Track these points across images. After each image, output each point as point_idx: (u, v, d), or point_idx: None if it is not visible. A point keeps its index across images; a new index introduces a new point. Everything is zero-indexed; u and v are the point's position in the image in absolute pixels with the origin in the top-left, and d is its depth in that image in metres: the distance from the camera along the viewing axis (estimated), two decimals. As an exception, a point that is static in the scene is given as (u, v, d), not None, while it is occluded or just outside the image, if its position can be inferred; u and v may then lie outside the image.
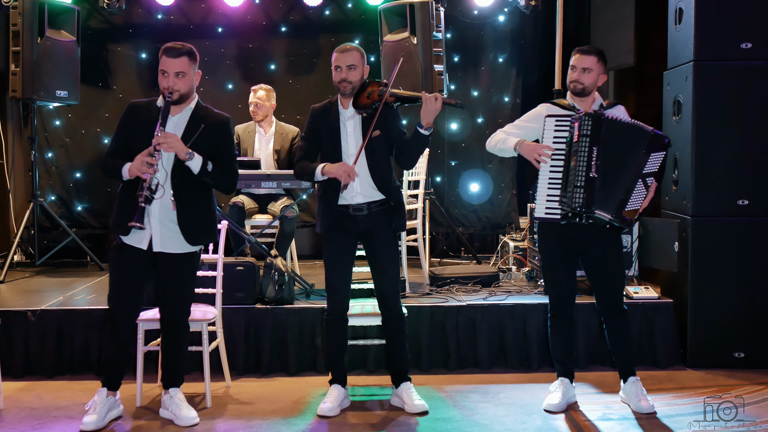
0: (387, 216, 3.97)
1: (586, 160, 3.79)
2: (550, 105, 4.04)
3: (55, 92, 6.16)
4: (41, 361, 4.65)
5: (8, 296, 5.27)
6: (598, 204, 3.79)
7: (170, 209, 3.72)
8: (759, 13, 4.65)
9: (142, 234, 3.70)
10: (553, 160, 3.87)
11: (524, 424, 3.83)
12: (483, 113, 7.21)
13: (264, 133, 5.92)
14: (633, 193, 3.78)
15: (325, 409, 3.94)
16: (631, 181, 3.78)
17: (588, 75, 3.91)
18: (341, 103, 3.96)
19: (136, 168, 3.60)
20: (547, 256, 4.05)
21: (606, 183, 3.79)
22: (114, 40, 7.07)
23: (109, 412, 3.82)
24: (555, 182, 3.86)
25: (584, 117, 3.81)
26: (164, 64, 3.72)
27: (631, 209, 3.79)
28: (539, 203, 3.91)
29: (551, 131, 3.89)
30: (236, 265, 4.76)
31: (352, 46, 3.94)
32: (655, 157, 3.76)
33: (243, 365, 4.69)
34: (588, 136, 3.79)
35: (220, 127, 3.83)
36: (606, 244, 3.94)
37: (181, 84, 3.71)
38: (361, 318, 4.57)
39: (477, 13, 7.13)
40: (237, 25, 7.17)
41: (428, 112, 3.77)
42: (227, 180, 3.84)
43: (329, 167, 3.84)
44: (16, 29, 6.01)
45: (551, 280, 4.06)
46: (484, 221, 7.27)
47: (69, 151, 7.12)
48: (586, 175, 3.79)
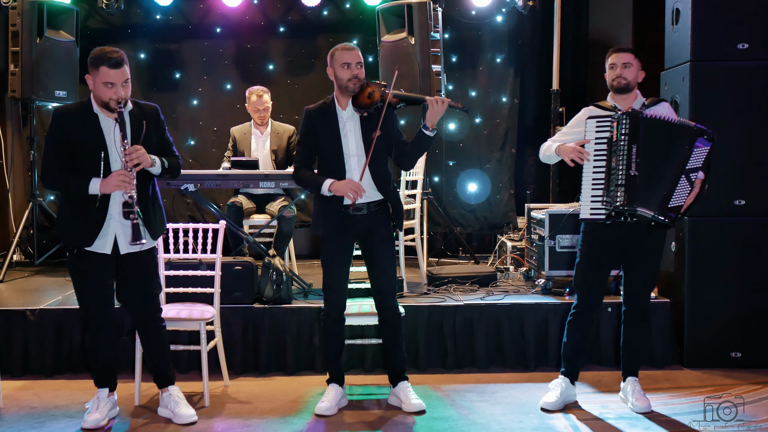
0: (386, 215, 3.98)
1: (626, 158, 3.81)
2: (592, 107, 4.07)
3: (54, 92, 6.18)
4: (40, 360, 4.67)
5: (7, 296, 5.28)
6: (640, 201, 3.80)
7: None
8: (755, 14, 4.67)
9: (104, 239, 3.69)
10: (595, 161, 3.88)
11: (521, 423, 3.84)
12: (481, 113, 7.23)
13: (260, 134, 5.93)
14: (676, 189, 3.78)
15: (323, 409, 3.95)
16: (673, 177, 3.78)
17: (629, 70, 3.95)
18: (339, 102, 3.95)
19: (114, 187, 3.58)
20: (585, 252, 4.02)
21: (647, 180, 3.80)
22: (113, 41, 7.06)
23: (110, 411, 3.86)
24: (599, 182, 3.88)
25: (622, 116, 3.83)
26: (108, 76, 3.57)
27: (674, 205, 3.79)
28: (584, 204, 3.92)
29: (593, 132, 3.91)
30: (234, 264, 4.77)
31: (353, 45, 3.95)
32: (698, 152, 3.78)
33: (241, 365, 4.71)
34: (627, 134, 3.81)
35: (155, 118, 3.83)
36: (648, 245, 3.94)
37: (127, 91, 3.66)
38: (359, 317, 4.57)
39: (475, 13, 7.15)
40: (235, 25, 7.19)
41: (434, 114, 3.79)
42: (177, 169, 3.90)
43: (337, 185, 3.83)
44: (16, 29, 6.04)
45: (583, 278, 4.03)
46: (482, 221, 7.29)
47: (68, 150, 7.12)
48: (626, 173, 3.80)
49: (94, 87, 3.63)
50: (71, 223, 3.70)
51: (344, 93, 3.91)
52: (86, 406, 3.92)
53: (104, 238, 3.69)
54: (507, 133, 7.30)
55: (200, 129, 7.28)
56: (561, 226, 5.18)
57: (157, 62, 7.21)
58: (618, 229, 3.90)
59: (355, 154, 3.92)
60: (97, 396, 3.87)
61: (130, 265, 3.78)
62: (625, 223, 3.88)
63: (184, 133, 7.26)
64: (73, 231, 3.70)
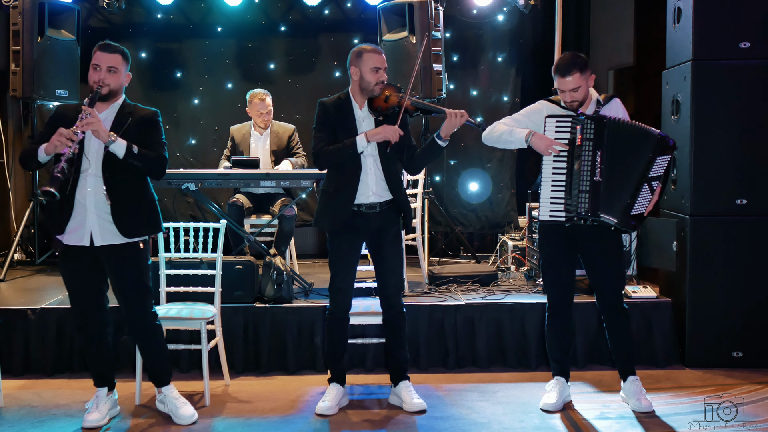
0: (396, 214, 3.99)
1: (590, 164, 3.78)
2: (549, 104, 4.02)
3: (55, 91, 6.18)
4: (41, 360, 4.67)
5: (8, 295, 5.28)
6: (603, 208, 3.79)
7: (104, 203, 3.69)
8: (757, 13, 4.65)
9: (80, 231, 3.68)
10: (555, 161, 3.87)
11: (522, 423, 3.83)
12: (482, 112, 7.22)
13: (260, 134, 5.91)
14: (639, 196, 3.77)
15: (324, 408, 3.95)
16: (636, 184, 3.76)
17: (577, 93, 3.86)
18: (356, 101, 3.95)
19: (52, 144, 3.52)
20: (547, 254, 4.05)
21: (611, 187, 3.78)
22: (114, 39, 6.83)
23: (110, 410, 3.86)
24: (558, 184, 3.86)
25: (586, 121, 3.81)
26: (97, 58, 3.72)
27: (637, 213, 3.79)
28: (543, 205, 3.91)
29: (552, 132, 3.88)
30: (235, 264, 4.77)
31: (380, 48, 3.94)
32: (661, 161, 3.75)
33: (242, 364, 4.70)
34: (591, 139, 3.78)
35: (147, 120, 3.82)
36: (607, 243, 3.94)
37: (112, 79, 3.71)
38: (360, 317, 4.58)
39: (476, 12, 7.14)
40: (236, 24, 7.18)
41: (450, 126, 3.81)
42: (156, 163, 3.78)
43: (376, 130, 3.83)
44: (17, 29, 6.03)
45: (551, 278, 4.06)
46: (483, 220, 7.29)
47: (69, 150, 7.12)
48: (591, 179, 3.78)
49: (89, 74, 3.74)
50: (48, 211, 3.74)
51: (364, 93, 3.92)
52: (86, 405, 3.91)
53: (81, 230, 3.68)
54: (508, 133, 7.27)
55: (201, 128, 7.27)
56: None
57: (158, 61, 7.21)
58: (575, 229, 3.90)
59: (371, 154, 3.92)
60: (96, 395, 3.87)
61: (111, 260, 3.74)
62: (584, 225, 3.87)
63: (185, 133, 7.26)
64: (49, 218, 3.74)
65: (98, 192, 3.68)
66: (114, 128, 3.70)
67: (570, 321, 4.10)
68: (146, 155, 3.73)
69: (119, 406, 3.99)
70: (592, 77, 3.95)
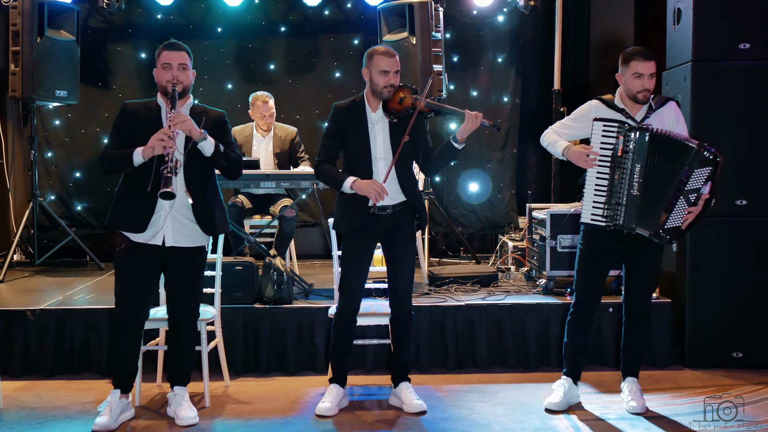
0: (410, 215, 3.99)
1: (629, 177, 3.78)
2: (598, 104, 3.98)
3: (55, 92, 6.18)
4: (40, 361, 4.66)
5: (8, 296, 5.28)
6: (638, 221, 3.80)
7: (181, 203, 3.75)
8: (757, 14, 4.65)
9: (153, 230, 3.73)
10: (600, 165, 3.85)
11: (522, 424, 3.83)
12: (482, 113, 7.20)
13: (262, 137, 5.91)
14: (674, 210, 3.76)
15: (324, 409, 3.94)
16: (672, 198, 3.75)
17: (653, 80, 3.84)
18: (369, 104, 3.93)
19: (154, 144, 3.60)
20: (585, 252, 4.01)
21: (647, 200, 3.78)
22: (114, 40, 7.08)
23: (121, 414, 3.83)
24: (601, 189, 3.85)
25: (628, 132, 3.78)
26: (166, 57, 3.79)
27: (671, 226, 3.77)
28: (585, 207, 3.90)
29: (599, 136, 3.84)
30: (235, 264, 4.76)
31: (393, 50, 3.92)
32: (699, 173, 3.72)
33: (242, 365, 4.70)
34: (632, 151, 3.77)
35: (218, 121, 3.91)
36: (649, 247, 3.92)
37: (184, 77, 3.78)
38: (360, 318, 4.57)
39: (476, 13, 7.15)
40: (236, 24, 7.18)
41: (467, 129, 3.82)
42: (236, 163, 3.90)
43: (360, 184, 3.81)
44: (16, 29, 6.03)
45: (583, 277, 4.02)
46: (483, 221, 7.29)
47: (69, 150, 7.14)
48: (628, 192, 3.79)
49: (156, 75, 3.80)
50: (121, 209, 3.76)
51: (376, 96, 3.90)
52: (98, 408, 3.90)
53: (154, 228, 3.73)
54: (508, 133, 7.29)
55: (201, 128, 7.26)
56: (562, 226, 5.18)
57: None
58: (617, 233, 3.90)
59: (383, 157, 3.91)
60: (110, 397, 3.83)
61: (176, 262, 3.81)
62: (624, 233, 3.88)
63: (185, 133, 7.25)
64: (126, 217, 3.75)
65: (179, 191, 3.71)
66: None
67: (591, 324, 4.09)
68: (230, 154, 3.85)
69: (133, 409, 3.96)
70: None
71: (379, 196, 3.78)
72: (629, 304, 4.04)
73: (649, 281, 4.00)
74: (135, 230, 3.74)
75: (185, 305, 3.89)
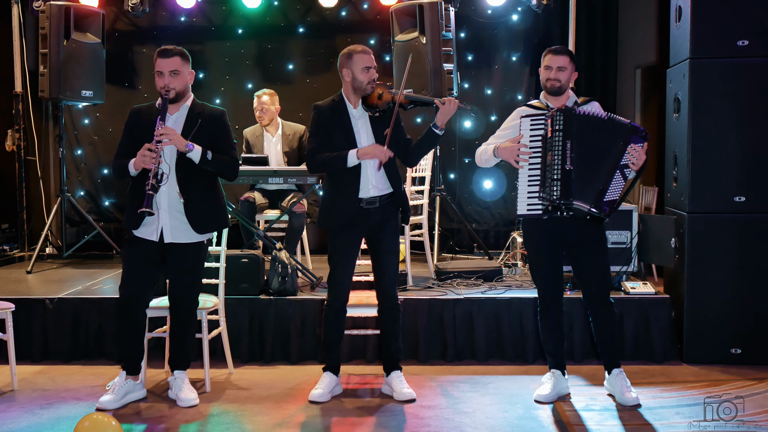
0: (395, 207, 4.13)
1: (561, 153, 3.88)
2: (525, 107, 4.15)
3: (81, 92, 6.45)
4: (58, 347, 4.91)
5: (32, 285, 5.56)
6: (576, 195, 3.88)
7: (178, 201, 3.97)
8: (756, 11, 4.66)
9: (152, 227, 3.95)
10: (531, 158, 3.97)
11: (506, 413, 3.93)
12: (496, 111, 7.28)
13: (271, 136, 6.08)
14: (611, 183, 3.87)
15: (316, 395, 4.10)
16: (609, 171, 3.86)
17: (563, 73, 4.02)
18: (350, 101, 4.09)
19: (140, 161, 3.85)
20: (533, 251, 4.14)
21: (583, 174, 3.88)
22: (139, 42, 7.35)
23: (127, 395, 4.06)
24: (534, 179, 3.96)
25: (556, 113, 3.91)
26: (159, 65, 3.97)
27: (609, 199, 3.88)
28: (521, 201, 4.02)
29: (527, 131, 3.99)
30: (241, 257, 4.95)
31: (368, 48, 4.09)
32: (633, 149, 3.85)
33: (247, 353, 4.89)
34: (561, 130, 3.89)
35: (216, 121, 4.07)
36: (590, 237, 4.02)
37: (176, 82, 3.95)
38: (362, 309, 4.72)
39: (490, 12, 7.21)
40: (256, 26, 7.37)
41: (444, 114, 3.95)
42: (228, 167, 4.06)
43: (365, 149, 3.97)
44: (44, 32, 6.32)
45: (538, 274, 4.15)
46: (498, 218, 7.36)
47: (97, 148, 7.43)
48: (562, 167, 3.88)
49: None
50: (129, 207, 4.00)
51: (357, 93, 4.05)
52: (107, 386, 4.18)
53: (152, 225, 3.96)
54: (523, 131, 7.33)
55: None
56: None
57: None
58: (556, 223, 3.98)
59: None
60: (117, 378, 4.09)
61: (175, 256, 4.03)
62: (562, 217, 3.95)
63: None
64: (127, 213, 4.01)
65: (173, 191, 3.96)
66: (186, 129, 3.97)
67: (561, 315, 4.18)
68: (219, 160, 4.00)
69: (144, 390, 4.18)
70: (575, 74, 4.09)
71: (385, 157, 3.93)
72: (589, 300, 4.11)
73: (600, 275, 4.05)
74: (133, 227, 3.98)
75: (183, 295, 4.10)
